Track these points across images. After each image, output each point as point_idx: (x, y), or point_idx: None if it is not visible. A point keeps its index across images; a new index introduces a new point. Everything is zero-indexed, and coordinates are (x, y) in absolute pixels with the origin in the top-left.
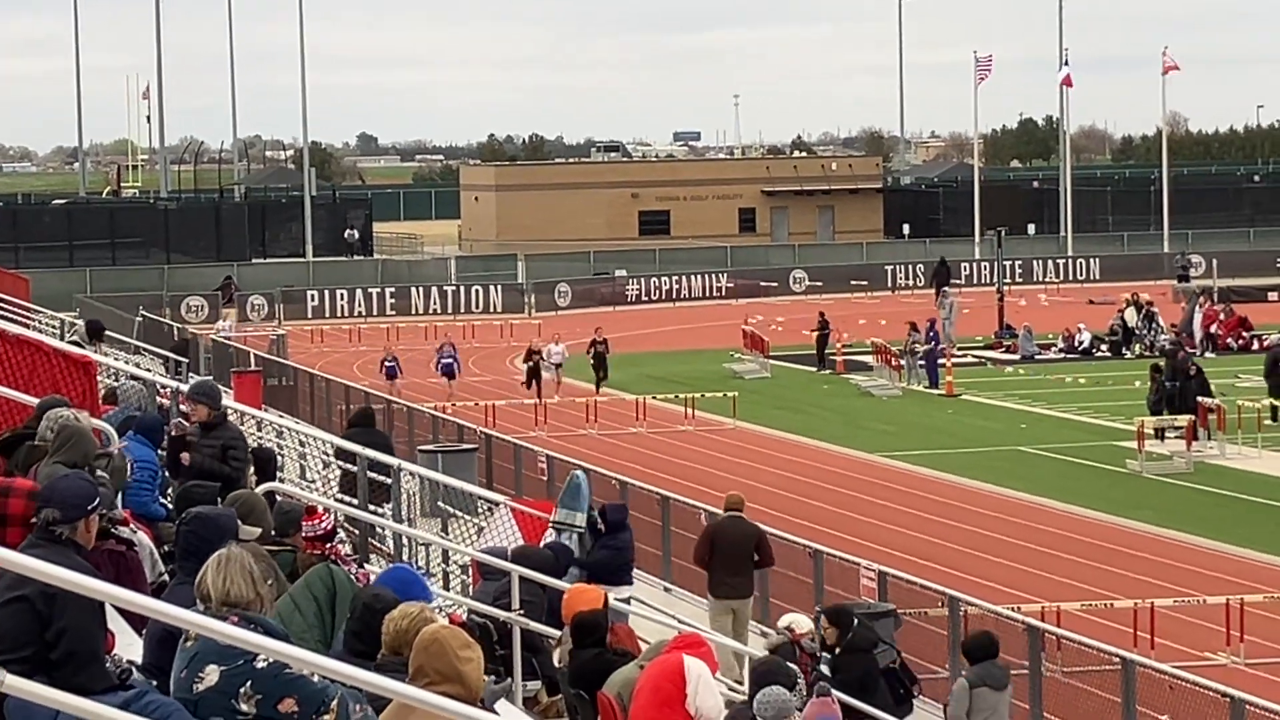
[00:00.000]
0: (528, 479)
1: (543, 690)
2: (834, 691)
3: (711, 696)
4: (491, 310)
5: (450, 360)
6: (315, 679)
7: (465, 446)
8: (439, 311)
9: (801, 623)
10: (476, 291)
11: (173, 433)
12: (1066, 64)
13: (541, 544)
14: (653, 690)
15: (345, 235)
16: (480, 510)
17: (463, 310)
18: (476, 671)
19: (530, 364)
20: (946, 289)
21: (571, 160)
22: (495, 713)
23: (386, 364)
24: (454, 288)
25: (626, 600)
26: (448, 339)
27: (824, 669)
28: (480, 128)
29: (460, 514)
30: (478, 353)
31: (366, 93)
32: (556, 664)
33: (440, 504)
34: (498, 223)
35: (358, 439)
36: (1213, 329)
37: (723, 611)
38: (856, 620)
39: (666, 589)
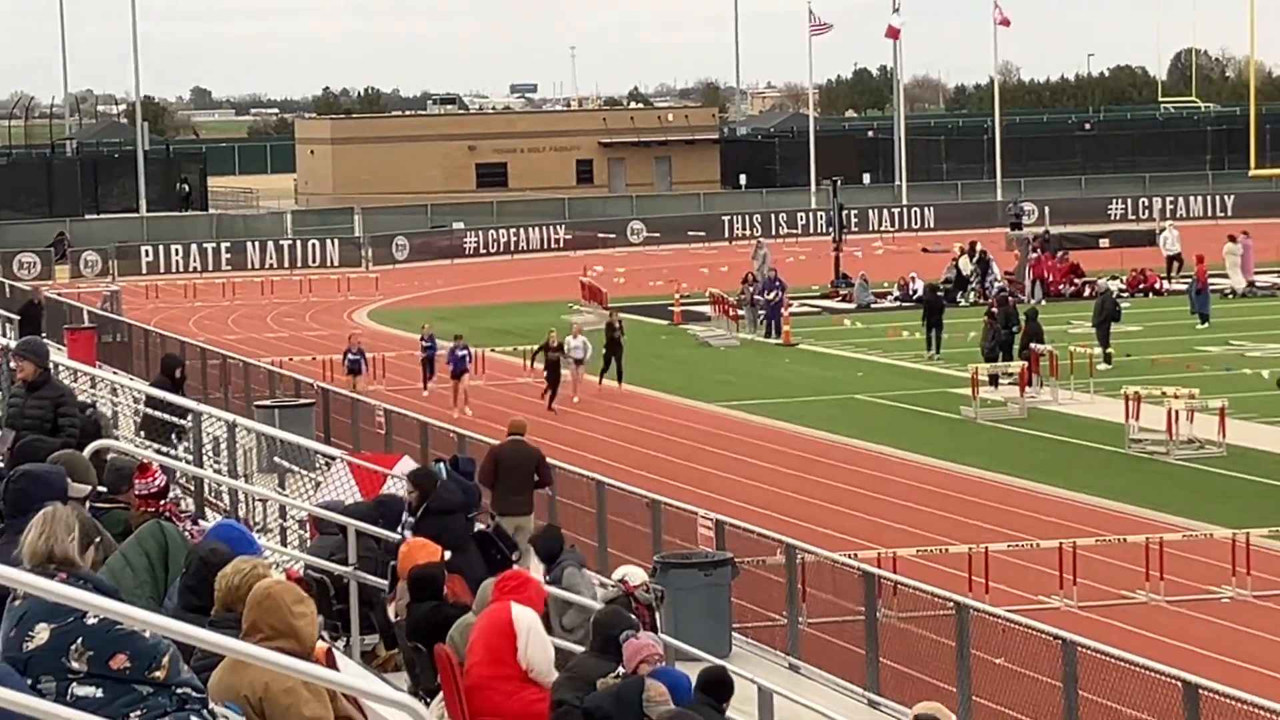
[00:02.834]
0: (365, 433)
1: (380, 644)
2: (643, 633)
3: (542, 649)
4: (328, 264)
5: (464, 353)
6: (147, 634)
7: (302, 401)
8: (275, 266)
9: (635, 574)
10: (313, 246)
11: None
12: (897, 10)
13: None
14: (485, 647)
15: (178, 188)
16: (318, 465)
17: (299, 265)
18: (310, 626)
19: (548, 360)
20: (761, 240)
21: (408, 113)
22: (336, 668)
23: (350, 356)
24: (290, 242)
25: None
26: (459, 339)
27: (407, 533)
28: (316, 81)
29: (297, 469)
30: (314, 306)
31: (200, 45)
32: (393, 618)
33: (277, 459)
34: (334, 176)
35: (164, 387)
36: (1045, 276)
37: (508, 528)
38: (439, 483)
39: None
